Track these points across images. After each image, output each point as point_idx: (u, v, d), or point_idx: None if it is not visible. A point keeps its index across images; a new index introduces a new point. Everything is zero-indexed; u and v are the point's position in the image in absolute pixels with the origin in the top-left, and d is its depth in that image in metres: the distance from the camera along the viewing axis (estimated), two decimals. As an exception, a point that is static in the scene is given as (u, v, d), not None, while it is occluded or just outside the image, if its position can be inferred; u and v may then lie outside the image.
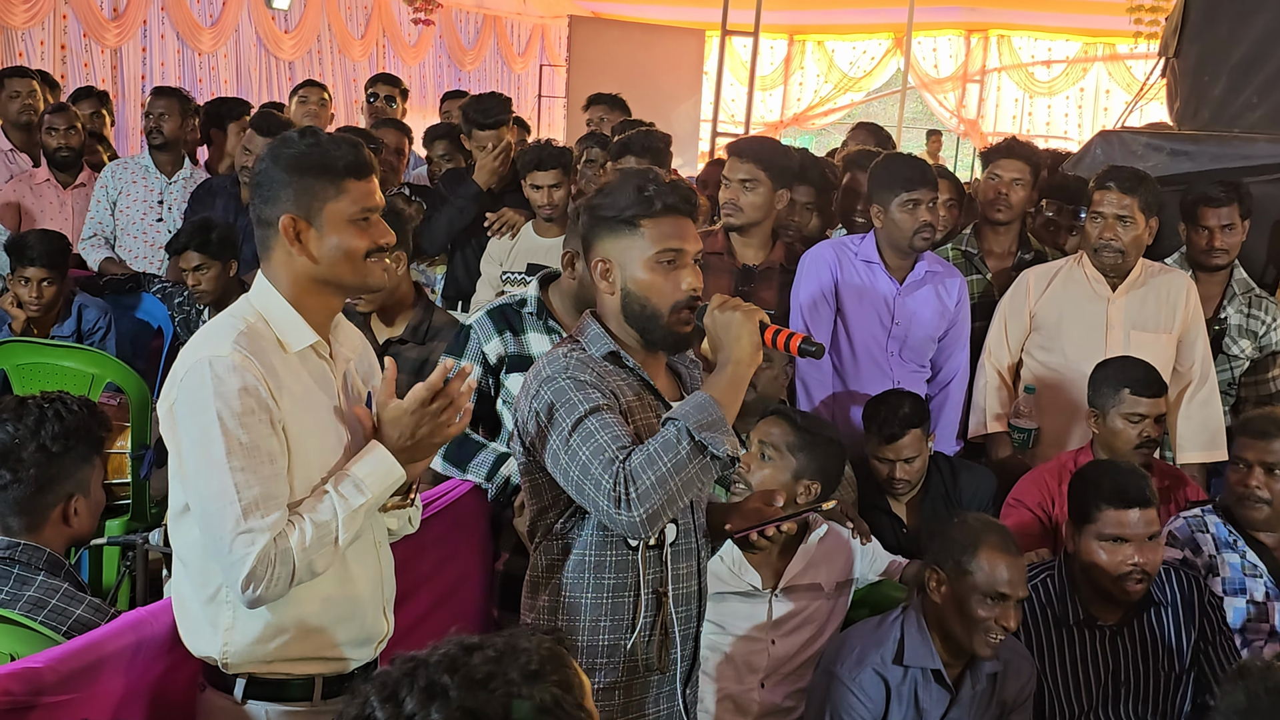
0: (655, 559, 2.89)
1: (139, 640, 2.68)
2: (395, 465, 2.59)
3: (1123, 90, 16.67)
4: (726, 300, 2.81)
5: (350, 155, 2.61)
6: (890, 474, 4.33)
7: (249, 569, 2.41)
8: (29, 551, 2.95)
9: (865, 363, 4.81)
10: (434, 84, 15.93)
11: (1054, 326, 4.84)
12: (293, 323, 2.61)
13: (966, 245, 5.27)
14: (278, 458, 2.49)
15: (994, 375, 4.92)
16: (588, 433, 2.71)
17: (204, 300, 5.37)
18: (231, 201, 6.16)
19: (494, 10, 16.69)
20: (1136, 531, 3.60)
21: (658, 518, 2.66)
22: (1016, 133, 17.29)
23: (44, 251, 5.36)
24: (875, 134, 6.98)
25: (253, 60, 13.26)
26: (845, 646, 3.56)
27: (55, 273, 5.38)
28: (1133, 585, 3.61)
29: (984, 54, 17.65)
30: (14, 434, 2.95)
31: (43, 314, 5.42)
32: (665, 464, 2.64)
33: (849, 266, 4.76)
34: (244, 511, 2.42)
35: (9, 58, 10.35)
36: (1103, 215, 4.70)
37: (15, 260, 5.38)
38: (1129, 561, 3.59)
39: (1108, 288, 4.78)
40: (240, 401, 2.45)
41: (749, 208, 4.74)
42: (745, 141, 5.00)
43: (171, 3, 12.05)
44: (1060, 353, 4.82)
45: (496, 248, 5.66)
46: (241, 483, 2.43)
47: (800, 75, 18.78)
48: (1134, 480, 3.69)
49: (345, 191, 2.59)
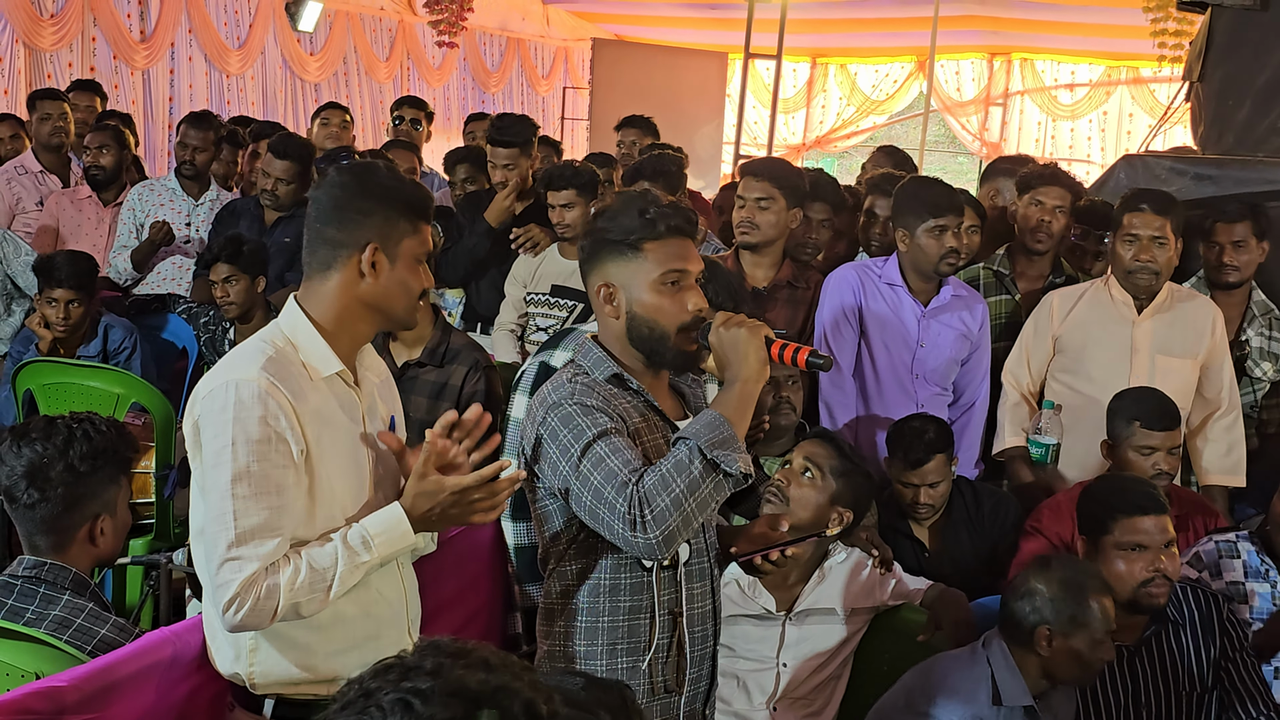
0: (670, 580, 2.89)
1: (162, 660, 2.70)
2: (409, 532, 2.59)
3: (1146, 114, 16.61)
4: (730, 317, 2.80)
5: (427, 199, 2.72)
6: (914, 499, 4.31)
7: (230, 594, 2.43)
8: (55, 571, 2.96)
9: (889, 385, 4.81)
10: (458, 106, 15.99)
11: (1079, 350, 4.80)
12: (320, 350, 2.63)
13: (999, 265, 5.26)
14: (286, 490, 2.50)
15: (1013, 393, 4.88)
16: (598, 458, 2.70)
17: (231, 313, 5.40)
18: (255, 223, 6.20)
19: (517, 33, 16.76)
20: (1154, 538, 3.57)
21: (674, 538, 2.65)
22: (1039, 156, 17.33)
23: (72, 273, 5.39)
24: (895, 157, 6.97)
25: (279, 82, 13.33)
26: (935, 685, 3.47)
27: (83, 294, 5.41)
28: (1155, 591, 3.57)
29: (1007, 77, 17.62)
30: (43, 453, 2.96)
31: (69, 335, 5.45)
32: (679, 485, 2.63)
33: (872, 289, 4.77)
34: (237, 538, 2.44)
35: (38, 80, 10.44)
36: (1137, 237, 4.64)
37: (44, 281, 5.41)
38: (1150, 567, 3.55)
39: (1134, 311, 4.74)
40: (259, 429, 2.47)
41: (765, 225, 4.76)
42: (759, 161, 5.05)
43: (199, 25, 12.15)
44: (1085, 376, 4.77)
45: (521, 269, 5.67)
46: (241, 509, 2.45)
47: (823, 98, 18.79)
48: (1144, 488, 3.70)
49: (419, 232, 2.68)
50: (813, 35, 15.83)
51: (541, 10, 16.96)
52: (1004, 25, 15.50)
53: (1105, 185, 5.78)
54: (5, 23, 10.22)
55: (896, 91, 18.12)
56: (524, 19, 16.73)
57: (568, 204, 5.44)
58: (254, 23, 12.83)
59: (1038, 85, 17.56)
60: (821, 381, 4.80)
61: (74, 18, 10.78)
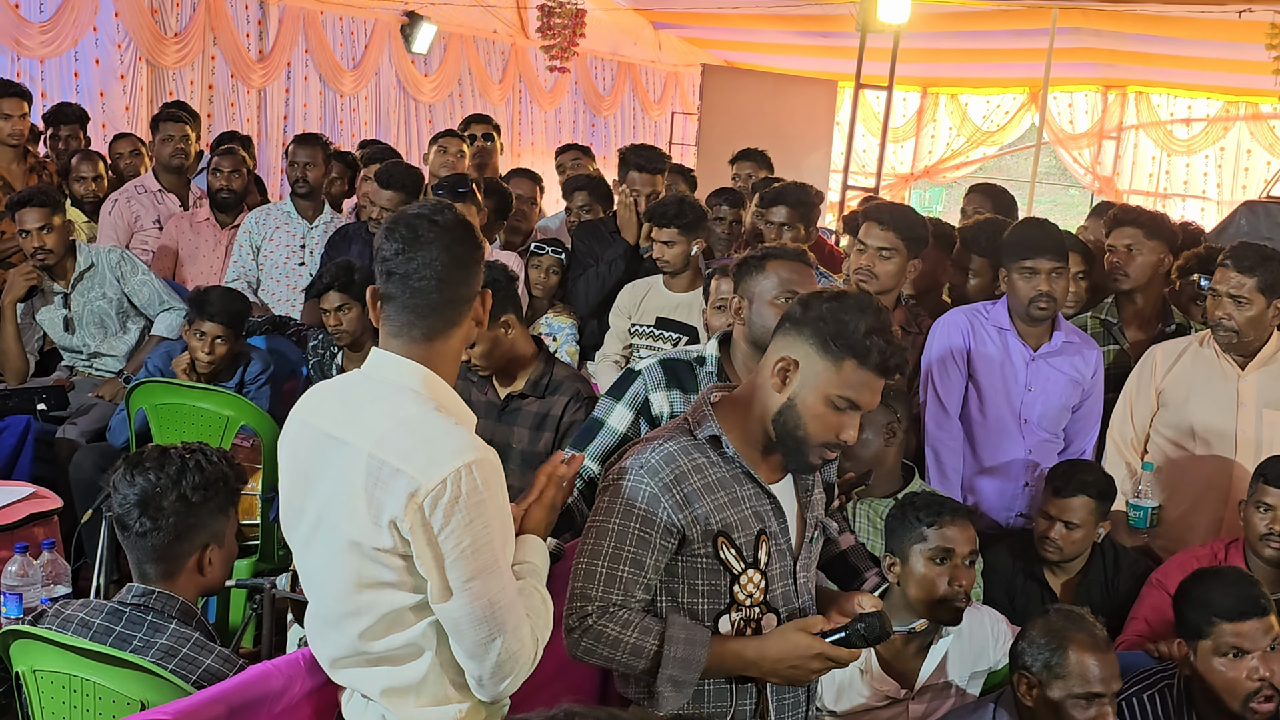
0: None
1: (268, 693, 2.71)
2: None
3: (1264, 150, 16.27)
4: (839, 642, 2.76)
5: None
6: (1046, 532, 4.26)
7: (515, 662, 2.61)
8: (163, 600, 3.00)
9: (996, 430, 4.74)
10: (569, 129, 16.09)
11: (1181, 404, 4.69)
12: (460, 406, 2.68)
13: (1107, 314, 5.18)
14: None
15: (1114, 454, 4.79)
16: (605, 551, 2.78)
17: (342, 341, 5.45)
18: (366, 248, 6.26)
19: (628, 58, 16.83)
20: (1256, 643, 3.36)
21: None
22: (1153, 191, 17.02)
23: (224, 310, 5.42)
24: (992, 196, 6.79)
25: (392, 103, 13.51)
26: None
27: (230, 332, 5.45)
28: (1261, 706, 3.35)
29: (1121, 110, 17.33)
30: (156, 482, 3.00)
31: (210, 371, 5.45)
32: (619, 657, 2.74)
33: (981, 332, 4.70)
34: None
35: (160, 96, 10.67)
36: (1218, 293, 4.55)
37: (195, 312, 5.44)
38: (1255, 676, 3.34)
39: (1236, 366, 4.63)
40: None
41: (884, 276, 4.68)
42: (886, 209, 4.94)
43: (315, 45, 12.35)
44: (1188, 433, 4.68)
45: (626, 300, 5.68)
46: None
47: (932, 128, 18.61)
48: (1243, 588, 3.46)
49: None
50: (924, 64, 15.70)
51: (653, 35, 17.02)
52: (1119, 58, 15.28)
53: (1226, 231, 5.68)
54: (130, 41, 10.45)
55: (1008, 123, 17.90)
56: (635, 44, 16.81)
57: (669, 241, 5.45)
58: (369, 44, 13.03)
59: (1153, 119, 17.24)
60: (928, 425, 4.74)
61: (196, 36, 11.01)
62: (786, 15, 14.50)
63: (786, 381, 2.79)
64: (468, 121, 8.15)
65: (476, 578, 2.47)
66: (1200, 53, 13.83)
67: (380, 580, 2.53)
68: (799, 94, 15.08)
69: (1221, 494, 4.62)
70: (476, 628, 2.49)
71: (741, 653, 2.78)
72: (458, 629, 2.51)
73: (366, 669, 2.64)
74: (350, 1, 12.59)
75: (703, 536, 2.77)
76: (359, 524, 2.50)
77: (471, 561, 2.47)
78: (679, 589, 2.83)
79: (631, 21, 16.29)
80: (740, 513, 2.82)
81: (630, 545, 2.75)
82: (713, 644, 2.75)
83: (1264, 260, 4.52)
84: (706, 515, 2.77)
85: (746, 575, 2.82)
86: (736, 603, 2.83)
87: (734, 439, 2.84)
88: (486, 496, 2.47)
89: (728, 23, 15.83)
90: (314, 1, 12.25)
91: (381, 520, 2.47)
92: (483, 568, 2.48)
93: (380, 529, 2.47)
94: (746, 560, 2.82)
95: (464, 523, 2.45)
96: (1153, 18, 12.47)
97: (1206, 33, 12.37)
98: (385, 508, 2.46)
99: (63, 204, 6.13)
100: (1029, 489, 4.70)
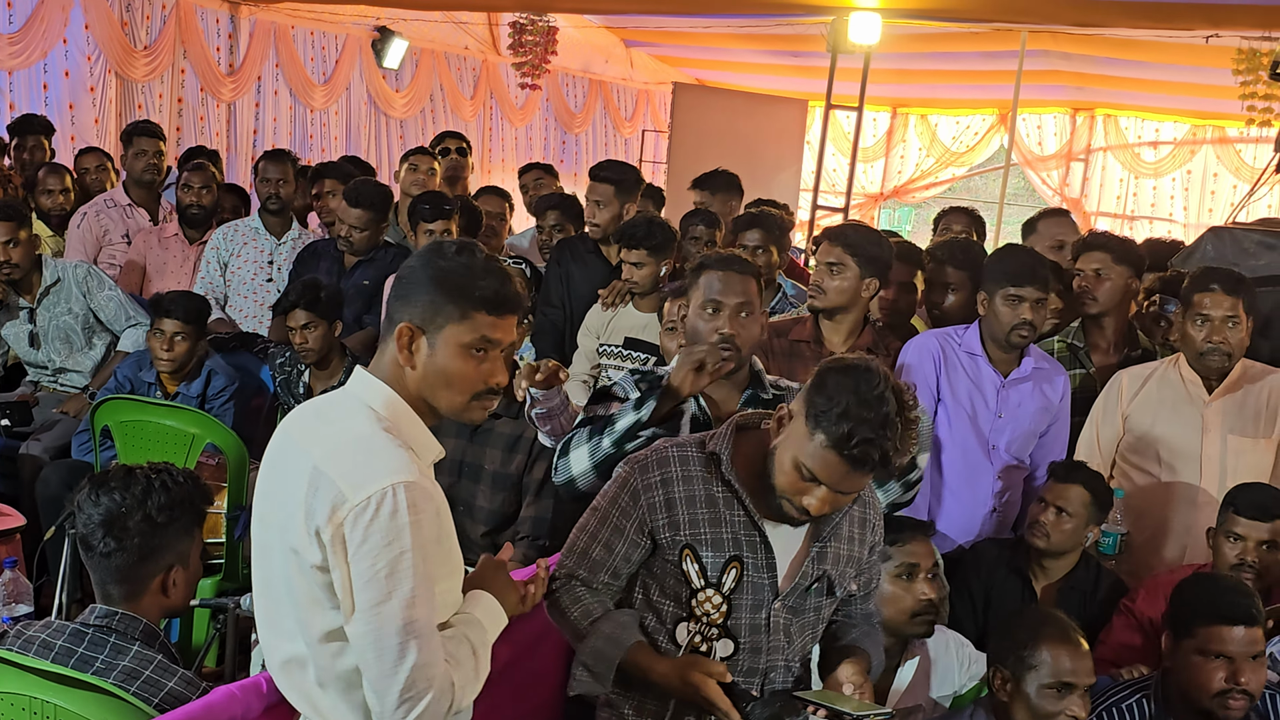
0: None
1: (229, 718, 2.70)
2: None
3: (1231, 174, 16.39)
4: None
5: (492, 289, 2.52)
6: (1038, 515, 4.35)
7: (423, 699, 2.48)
8: (126, 621, 2.98)
9: (966, 454, 4.73)
10: (541, 146, 16.08)
11: (1148, 430, 4.72)
12: (422, 438, 2.58)
13: (1073, 339, 5.19)
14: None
15: None
16: (587, 528, 3.02)
17: (308, 359, 5.43)
18: (335, 264, 6.26)
19: (600, 75, 16.84)
20: (1239, 650, 3.44)
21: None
22: (1120, 213, 17.13)
23: (181, 306, 5.44)
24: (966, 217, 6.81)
25: (363, 118, 13.47)
26: None
27: (190, 328, 5.45)
28: (1233, 704, 3.44)
29: (1089, 133, 17.44)
30: (121, 502, 2.98)
31: (173, 370, 5.46)
32: (565, 629, 3.01)
33: (953, 357, 4.71)
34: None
35: (129, 110, 10.62)
36: (1209, 318, 4.56)
37: (154, 311, 5.46)
38: (1230, 680, 3.42)
39: (1204, 390, 4.66)
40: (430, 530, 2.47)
41: (832, 291, 4.61)
42: (840, 226, 4.94)
43: (286, 59, 12.30)
44: (1154, 458, 4.71)
45: (594, 320, 5.68)
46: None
47: (902, 148, 18.68)
48: (1239, 597, 3.54)
49: (469, 319, 2.50)
50: (894, 85, 15.77)
51: (625, 53, 17.03)
52: (1088, 81, 15.37)
53: (1192, 256, 5.69)
54: (99, 53, 10.39)
55: (977, 144, 17.99)
56: (607, 61, 16.81)
57: (638, 263, 5.44)
58: (340, 59, 12.97)
59: (1121, 142, 17.36)
60: None
61: (166, 49, 10.95)
62: (758, 35, 14.56)
63: (780, 434, 2.88)
64: (440, 137, 8.12)
65: (386, 603, 2.37)
66: (1168, 77, 13.93)
67: (314, 597, 2.46)
68: (770, 113, 15.11)
69: (1186, 520, 4.65)
70: (381, 657, 2.38)
71: (652, 667, 2.90)
72: (363, 656, 2.41)
73: (314, 687, 2.56)
74: (321, 16, 12.54)
75: (671, 544, 2.92)
76: (297, 533, 2.44)
77: (383, 585, 2.36)
78: (651, 586, 3.00)
79: (603, 39, 16.30)
80: (717, 533, 2.90)
81: (606, 530, 2.99)
82: (632, 651, 2.88)
83: (1241, 280, 4.60)
84: (680, 524, 2.91)
85: (704, 593, 2.93)
86: (695, 616, 2.94)
87: (740, 465, 2.94)
88: (410, 522, 2.37)
89: (699, 41, 15.87)
90: (285, 15, 12.19)
91: (310, 530, 2.41)
92: (395, 594, 2.36)
93: (311, 540, 2.41)
94: (709, 579, 2.91)
95: (381, 544, 2.36)
96: (1121, 41, 12.56)
97: (1174, 57, 12.46)
98: (314, 516, 2.40)
99: (29, 217, 6.10)
100: (995, 515, 4.71)
